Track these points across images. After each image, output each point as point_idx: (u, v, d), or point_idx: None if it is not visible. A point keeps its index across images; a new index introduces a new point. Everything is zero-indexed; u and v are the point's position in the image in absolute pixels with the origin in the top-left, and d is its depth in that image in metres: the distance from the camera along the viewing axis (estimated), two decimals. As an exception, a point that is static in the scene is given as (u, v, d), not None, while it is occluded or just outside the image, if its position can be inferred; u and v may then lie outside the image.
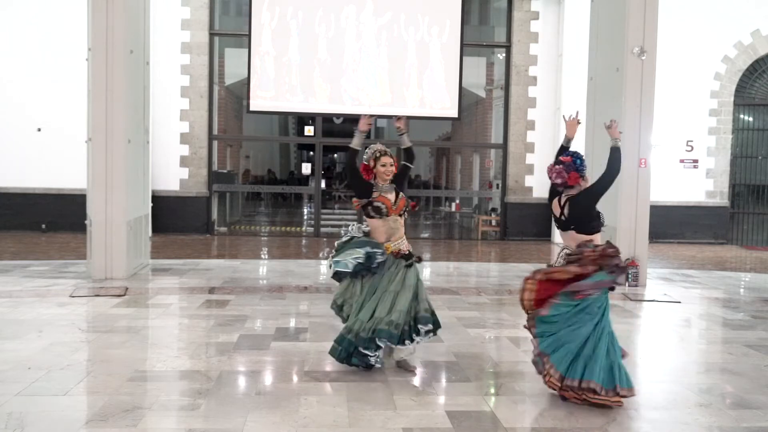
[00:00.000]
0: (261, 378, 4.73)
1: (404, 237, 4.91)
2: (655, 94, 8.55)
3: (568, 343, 4.19)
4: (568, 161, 4.46)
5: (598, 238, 4.45)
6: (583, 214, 4.42)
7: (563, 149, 4.69)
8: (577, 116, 4.84)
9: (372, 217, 4.81)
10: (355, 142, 4.87)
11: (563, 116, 4.80)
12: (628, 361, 4.95)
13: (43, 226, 13.14)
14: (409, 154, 5.02)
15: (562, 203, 4.47)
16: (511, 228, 14.24)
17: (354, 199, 4.93)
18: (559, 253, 4.51)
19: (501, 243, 13.99)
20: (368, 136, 23.07)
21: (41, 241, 12.07)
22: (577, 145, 6.51)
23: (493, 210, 15.26)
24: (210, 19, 13.54)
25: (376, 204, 4.78)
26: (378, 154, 4.86)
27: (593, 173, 10.35)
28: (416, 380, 4.70)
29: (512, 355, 5.43)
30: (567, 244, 4.46)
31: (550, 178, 4.49)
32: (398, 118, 5.10)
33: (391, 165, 4.84)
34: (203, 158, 13.66)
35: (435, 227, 16.83)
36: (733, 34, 14.05)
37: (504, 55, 14.36)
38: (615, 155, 4.60)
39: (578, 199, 4.45)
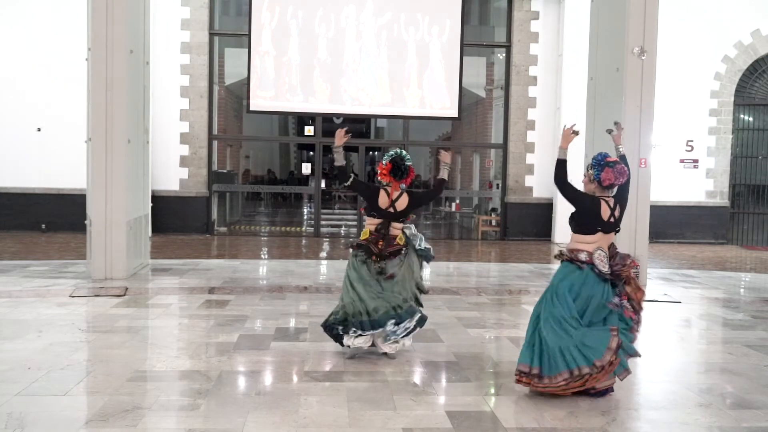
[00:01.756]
0: (261, 378, 4.73)
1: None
2: (655, 94, 8.54)
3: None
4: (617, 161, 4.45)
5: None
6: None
7: (562, 163, 4.47)
8: (573, 127, 4.55)
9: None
10: (339, 159, 5.13)
11: (564, 126, 4.66)
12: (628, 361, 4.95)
13: (43, 226, 13.13)
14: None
15: (612, 206, 4.38)
16: (511, 228, 14.24)
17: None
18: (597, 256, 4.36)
19: (501, 243, 13.99)
20: (367, 136, 23.09)
21: (41, 241, 12.07)
22: (576, 146, 6.50)
23: (493, 210, 15.26)
24: (210, 19, 13.54)
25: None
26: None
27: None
28: (416, 380, 4.71)
29: (512, 355, 5.40)
30: (600, 246, 4.37)
31: (616, 180, 4.30)
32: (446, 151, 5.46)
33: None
34: (203, 158, 13.65)
35: (435, 227, 16.84)
36: (733, 34, 14.05)
37: (504, 55, 14.35)
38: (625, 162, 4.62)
39: (624, 202, 4.48)
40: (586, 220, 4.39)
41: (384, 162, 5.14)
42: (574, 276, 4.35)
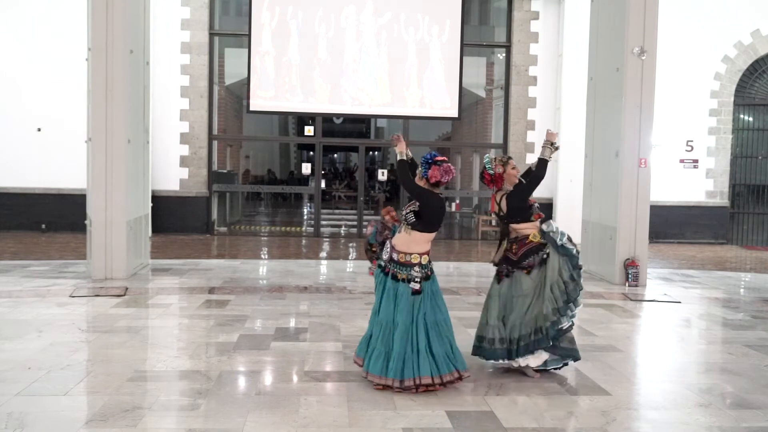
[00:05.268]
0: (261, 378, 4.73)
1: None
2: (655, 94, 8.54)
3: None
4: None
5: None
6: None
7: (400, 163, 4.63)
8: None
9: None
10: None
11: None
12: (629, 361, 4.97)
13: (43, 226, 13.13)
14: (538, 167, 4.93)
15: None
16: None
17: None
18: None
19: (501, 243, 13.96)
20: (367, 136, 23.03)
21: (41, 241, 12.07)
22: (576, 146, 6.50)
23: (493, 210, 15.23)
24: (210, 19, 13.54)
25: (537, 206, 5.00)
26: (507, 159, 4.98)
27: (591, 174, 10.34)
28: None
29: (512, 355, 5.42)
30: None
31: (442, 178, 4.41)
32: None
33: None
34: (203, 158, 13.65)
35: (435, 227, 16.80)
36: (733, 34, 14.04)
37: (504, 55, 14.35)
38: None
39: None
40: (437, 216, 4.52)
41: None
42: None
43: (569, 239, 4.84)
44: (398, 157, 4.63)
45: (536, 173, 4.86)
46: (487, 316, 4.89)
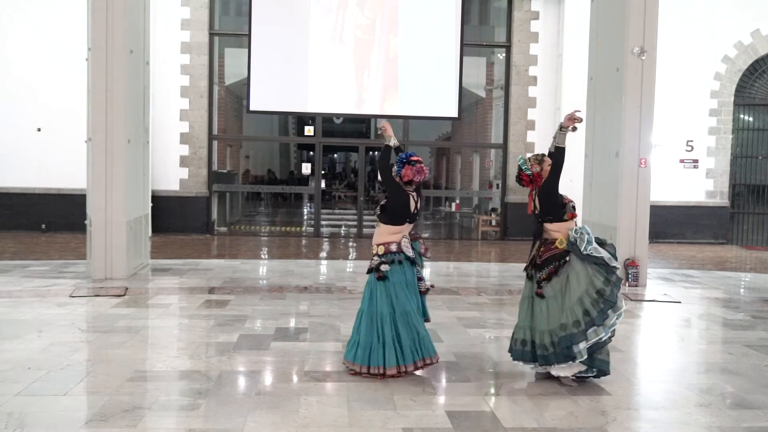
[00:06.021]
0: (261, 378, 4.73)
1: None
2: (655, 94, 8.54)
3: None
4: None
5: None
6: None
7: (388, 149, 4.85)
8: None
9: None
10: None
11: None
12: (629, 361, 4.95)
13: (43, 226, 13.13)
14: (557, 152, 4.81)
15: (416, 199, 4.85)
16: (511, 228, 14.23)
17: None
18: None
19: (501, 243, 13.99)
20: (367, 136, 23.04)
21: (41, 241, 12.07)
22: (576, 145, 6.50)
23: (493, 210, 15.26)
24: (210, 19, 13.54)
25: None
26: (541, 156, 4.90)
27: (591, 174, 10.33)
28: (416, 380, 4.70)
29: (512, 355, 5.41)
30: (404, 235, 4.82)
31: (415, 177, 4.68)
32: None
33: None
34: (203, 158, 13.66)
35: (435, 227, 16.83)
36: (733, 34, 14.05)
37: (504, 55, 14.36)
38: None
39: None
40: (401, 211, 4.72)
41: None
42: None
43: (597, 242, 4.65)
44: (386, 142, 4.80)
45: (555, 162, 4.78)
46: (519, 317, 4.85)
